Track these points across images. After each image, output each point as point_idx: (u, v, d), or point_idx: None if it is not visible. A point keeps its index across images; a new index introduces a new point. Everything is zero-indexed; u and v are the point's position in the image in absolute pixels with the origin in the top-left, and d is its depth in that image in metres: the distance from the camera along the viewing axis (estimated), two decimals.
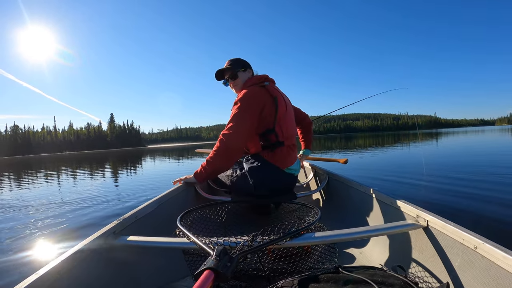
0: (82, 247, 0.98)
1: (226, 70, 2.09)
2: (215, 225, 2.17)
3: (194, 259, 1.56)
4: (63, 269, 0.87)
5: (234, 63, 2.09)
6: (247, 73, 2.10)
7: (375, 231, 1.11)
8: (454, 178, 4.67)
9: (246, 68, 2.10)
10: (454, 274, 0.93)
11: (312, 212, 1.73)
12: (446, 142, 16.98)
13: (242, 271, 1.31)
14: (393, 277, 0.77)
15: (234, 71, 2.07)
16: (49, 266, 0.84)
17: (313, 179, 2.69)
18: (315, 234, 1.07)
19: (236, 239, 1.09)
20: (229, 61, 2.12)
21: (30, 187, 7.24)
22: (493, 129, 69.02)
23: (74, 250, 0.95)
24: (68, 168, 14.41)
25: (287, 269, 1.46)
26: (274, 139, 1.90)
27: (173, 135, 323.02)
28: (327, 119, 5.41)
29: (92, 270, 0.99)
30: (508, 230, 2.27)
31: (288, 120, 1.99)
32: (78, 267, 0.93)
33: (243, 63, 2.12)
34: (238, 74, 2.07)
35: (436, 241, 1.04)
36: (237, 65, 2.08)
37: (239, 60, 2.12)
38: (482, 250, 0.83)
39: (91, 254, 1.00)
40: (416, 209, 1.17)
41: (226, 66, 2.09)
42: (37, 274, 0.80)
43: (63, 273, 0.86)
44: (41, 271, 0.81)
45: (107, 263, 1.08)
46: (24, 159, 47.63)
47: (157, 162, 15.33)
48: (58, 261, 0.87)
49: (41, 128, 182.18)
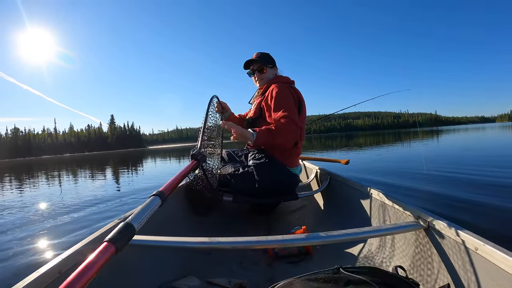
0: (83, 245, 0.98)
1: (255, 62, 2.13)
2: (217, 224, 2.17)
3: (195, 258, 1.57)
4: (63, 267, 0.87)
5: (263, 57, 2.14)
6: (273, 70, 2.16)
7: (376, 232, 1.11)
8: (455, 177, 4.66)
9: (274, 65, 2.16)
10: (455, 275, 0.93)
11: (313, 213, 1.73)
12: (447, 140, 16.97)
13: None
14: (394, 278, 0.77)
15: (263, 65, 2.12)
16: (50, 264, 0.85)
17: (314, 180, 2.69)
18: (316, 235, 1.07)
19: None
20: (258, 53, 2.15)
21: (32, 188, 7.26)
22: (493, 126, 68.92)
23: (75, 249, 0.95)
24: (70, 170, 14.43)
25: (288, 269, 1.47)
26: None
27: (174, 135, 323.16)
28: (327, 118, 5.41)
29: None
30: (509, 231, 2.25)
31: (304, 124, 2.04)
32: (79, 266, 0.93)
33: (272, 59, 2.17)
34: (266, 68, 2.12)
35: (437, 242, 1.04)
36: (266, 60, 2.13)
37: (269, 56, 2.16)
38: (483, 251, 0.83)
39: (91, 253, 1.00)
40: (417, 210, 1.17)
41: (255, 57, 2.13)
42: (38, 272, 0.80)
43: (64, 272, 0.87)
44: (42, 270, 0.81)
45: (108, 262, 1.08)
46: (25, 162, 47.74)
47: (158, 163, 15.34)
48: (59, 260, 0.87)
49: (42, 130, 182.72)
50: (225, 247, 1.05)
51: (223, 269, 1.44)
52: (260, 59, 2.12)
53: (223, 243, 1.04)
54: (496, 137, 17.10)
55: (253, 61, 2.13)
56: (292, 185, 2.09)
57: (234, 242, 1.04)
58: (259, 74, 2.14)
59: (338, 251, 1.59)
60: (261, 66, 2.11)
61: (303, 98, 2.05)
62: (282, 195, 2.07)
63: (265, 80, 2.12)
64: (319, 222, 2.12)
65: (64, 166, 18.13)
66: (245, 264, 1.49)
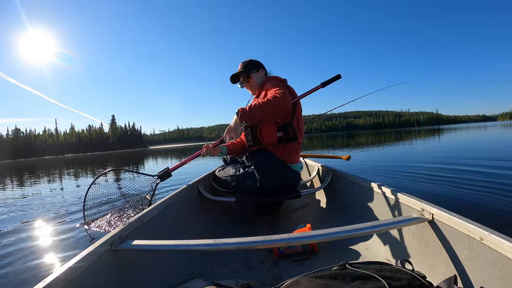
0: (89, 253, 0.98)
1: (240, 73, 2.17)
2: (221, 225, 2.17)
3: (201, 260, 1.57)
4: (70, 276, 0.87)
5: (246, 65, 2.17)
6: (259, 73, 2.18)
7: (381, 226, 1.11)
8: (457, 169, 4.68)
9: (259, 69, 2.18)
10: (461, 266, 0.93)
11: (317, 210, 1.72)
12: (447, 138, 16.93)
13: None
14: (401, 271, 0.77)
15: (247, 73, 2.15)
16: (56, 273, 0.84)
17: (316, 177, 2.69)
18: (320, 232, 1.07)
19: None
20: (241, 63, 2.21)
21: (34, 189, 7.27)
22: (495, 124, 68.67)
23: (80, 256, 0.95)
24: (75, 170, 14.45)
25: (294, 268, 1.47)
26: (291, 133, 1.96)
27: (175, 135, 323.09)
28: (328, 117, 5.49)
29: (99, 276, 1.00)
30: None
31: (301, 119, 2.08)
32: (85, 273, 0.93)
33: (255, 64, 2.19)
34: (251, 75, 2.15)
35: (442, 234, 1.04)
36: (249, 67, 2.16)
37: (251, 62, 2.19)
38: (488, 241, 0.83)
39: (98, 260, 1.00)
40: (421, 203, 1.17)
41: (239, 69, 2.17)
42: (45, 282, 0.80)
43: (71, 280, 0.86)
44: (48, 279, 0.81)
45: (114, 268, 1.08)
46: (26, 162, 47.77)
47: (160, 163, 15.35)
48: (65, 268, 0.87)
49: (43, 131, 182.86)
50: (230, 248, 1.05)
51: (229, 270, 1.44)
52: (243, 68, 2.16)
53: (228, 244, 1.04)
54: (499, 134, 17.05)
55: (239, 73, 2.17)
56: (294, 182, 2.09)
57: (239, 242, 1.04)
58: (247, 83, 2.18)
59: (343, 247, 1.58)
60: (245, 74, 2.16)
61: (297, 95, 2.08)
62: (285, 193, 2.08)
63: (255, 86, 2.16)
64: (323, 219, 2.12)
65: (71, 166, 18.15)
66: (251, 264, 1.49)
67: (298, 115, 2.02)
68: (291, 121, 1.97)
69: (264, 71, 2.21)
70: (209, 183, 2.38)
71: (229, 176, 2.09)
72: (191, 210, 1.99)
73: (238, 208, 2.40)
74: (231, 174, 2.09)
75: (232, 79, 2.19)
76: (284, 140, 1.95)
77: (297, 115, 2.01)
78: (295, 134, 1.98)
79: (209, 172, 2.48)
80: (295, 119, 1.99)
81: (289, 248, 1.55)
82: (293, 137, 1.98)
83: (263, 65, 2.21)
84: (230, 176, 2.09)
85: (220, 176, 2.20)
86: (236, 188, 2.08)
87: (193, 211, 2.01)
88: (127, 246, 1.11)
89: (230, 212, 2.35)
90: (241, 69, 2.17)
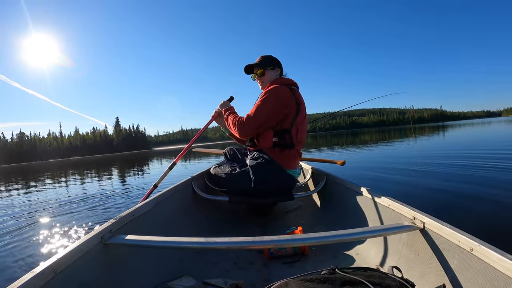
0: (79, 245, 0.98)
1: (255, 66, 2.14)
2: (213, 224, 2.18)
3: (191, 258, 1.57)
4: (59, 267, 0.87)
5: (264, 60, 2.13)
6: (275, 71, 2.13)
7: (372, 232, 1.12)
8: (451, 174, 4.61)
9: (275, 67, 2.13)
10: (450, 276, 0.93)
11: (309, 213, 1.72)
12: (448, 137, 16.81)
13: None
14: (390, 278, 0.76)
15: (263, 68, 2.10)
16: (45, 264, 0.84)
17: (310, 180, 2.68)
18: (312, 235, 1.06)
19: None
20: (261, 57, 2.16)
21: (37, 190, 7.34)
22: (499, 120, 68.01)
23: (70, 248, 0.95)
24: (81, 172, 14.58)
25: (284, 270, 1.46)
26: (288, 139, 1.92)
27: (179, 136, 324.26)
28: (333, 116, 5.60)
29: (88, 269, 1.00)
30: (503, 231, 2.21)
31: (303, 127, 2.02)
32: (74, 266, 0.93)
33: (272, 61, 2.14)
34: (266, 71, 2.10)
35: (433, 243, 1.04)
36: (266, 63, 2.11)
37: (270, 58, 2.15)
38: (478, 252, 0.83)
39: (87, 253, 1.00)
40: (413, 211, 1.17)
41: (257, 61, 2.13)
42: (33, 272, 0.80)
43: (59, 272, 0.86)
44: (37, 269, 0.81)
45: (103, 262, 1.08)
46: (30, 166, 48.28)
47: (164, 163, 15.45)
48: (54, 260, 0.87)
49: (47, 134, 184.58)
50: (221, 247, 1.06)
51: (219, 269, 1.45)
52: (260, 62, 2.11)
53: (219, 243, 1.04)
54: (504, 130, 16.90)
55: (254, 65, 2.13)
56: (289, 186, 2.08)
57: (230, 242, 1.04)
58: (259, 78, 2.13)
59: (334, 251, 1.58)
60: (261, 69, 2.10)
61: (303, 101, 2.03)
62: (278, 196, 2.07)
63: (265, 83, 2.11)
64: (315, 223, 2.12)
65: (73, 170, 18.31)
66: (241, 264, 1.50)
67: (298, 123, 1.94)
68: (290, 127, 1.91)
69: (280, 71, 2.16)
70: (203, 181, 2.37)
71: (224, 173, 2.09)
72: (183, 207, 1.99)
73: (231, 207, 2.40)
74: (226, 172, 2.08)
75: (246, 69, 2.16)
76: (280, 146, 1.92)
77: (298, 123, 1.94)
78: (291, 141, 1.93)
79: (203, 170, 2.47)
80: (295, 127, 1.92)
81: (280, 250, 1.55)
82: (289, 144, 1.93)
83: (280, 65, 2.16)
84: (225, 174, 2.08)
85: (215, 172, 2.19)
86: (230, 187, 2.08)
87: (186, 208, 2.01)
88: (117, 241, 1.11)
89: (222, 211, 2.35)
90: (258, 62, 2.12)
